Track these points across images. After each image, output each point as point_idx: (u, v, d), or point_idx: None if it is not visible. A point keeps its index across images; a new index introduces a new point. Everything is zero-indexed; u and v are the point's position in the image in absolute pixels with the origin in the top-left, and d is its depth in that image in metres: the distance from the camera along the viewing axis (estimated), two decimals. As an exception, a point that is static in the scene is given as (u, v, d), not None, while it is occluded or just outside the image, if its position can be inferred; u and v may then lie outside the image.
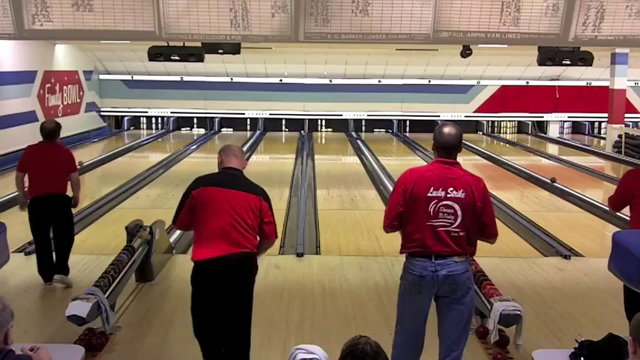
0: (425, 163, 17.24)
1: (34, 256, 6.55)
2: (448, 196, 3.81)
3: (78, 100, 19.01)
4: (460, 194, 3.82)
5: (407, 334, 3.96)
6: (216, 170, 4.35)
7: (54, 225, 6.42)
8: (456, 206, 3.81)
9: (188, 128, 22.05)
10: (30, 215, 6.40)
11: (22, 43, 14.48)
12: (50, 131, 6.45)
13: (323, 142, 20.30)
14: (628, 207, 4.98)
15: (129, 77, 20.91)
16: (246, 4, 6.30)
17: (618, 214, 8.64)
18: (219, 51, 9.17)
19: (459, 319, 3.91)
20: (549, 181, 11.81)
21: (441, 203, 3.81)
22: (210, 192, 4.12)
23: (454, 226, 3.82)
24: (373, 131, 21.81)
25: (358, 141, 19.47)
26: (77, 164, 6.84)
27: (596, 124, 22.23)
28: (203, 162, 16.25)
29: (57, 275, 6.35)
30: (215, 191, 4.12)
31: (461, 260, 3.86)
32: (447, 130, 3.96)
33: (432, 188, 3.82)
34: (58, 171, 6.37)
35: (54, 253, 6.45)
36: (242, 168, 4.32)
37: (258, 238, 4.21)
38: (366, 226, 9.17)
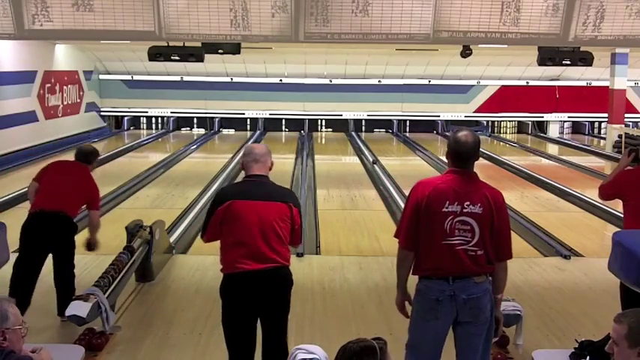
0: (425, 164, 17.08)
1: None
2: (464, 211, 3.44)
3: (78, 100, 19.00)
4: (477, 209, 3.45)
5: None
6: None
7: (53, 254, 5.53)
8: (473, 222, 3.45)
9: (188, 128, 22.05)
10: (21, 235, 5.47)
11: (22, 43, 14.49)
12: (84, 153, 5.78)
13: (323, 142, 20.30)
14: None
15: (129, 77, 20.91)
16: (246, 4, 6.30)
17: (618, 213, 8.69)
18: (219, 51, 9.17)
19: (484, 347, 3.57)
20: None
21: (457, 219, 3.45)
22: (237, 205, 3.88)
23: (471, 244, 3.45)
24: (373, 131, 21.81)
25: (359, 141, 19.48)
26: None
27: (596, 124, 22.23)
28: (203, 162, 16.28)
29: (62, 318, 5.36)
30: (242, 204, 3.88)
31: (481, 281, 3.49)
32: (463, 136, 3.54)
33: (447, 202, 3.45)
34: (72, 190, 5.55)
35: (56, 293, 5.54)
36: (267, 172, 4.09)
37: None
38: (366, 226, 9.16)
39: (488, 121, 22.12)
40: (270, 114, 21.29)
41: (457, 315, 3.49)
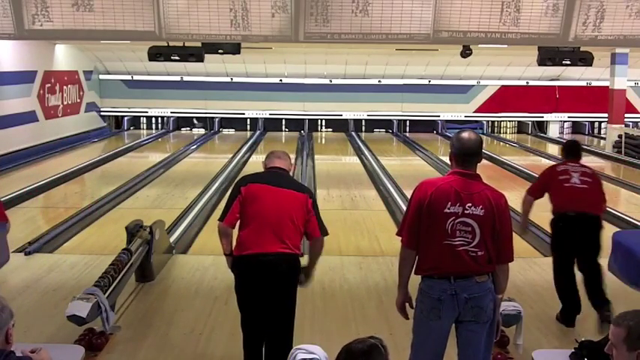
0: (425, 164, 16.99)
1: (34, 256, 6.50)
2: (466, 212, 3.47)
3: (78, 100, 19.00)
4: (479, 211, 3.47)
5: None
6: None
7: None
8: (474, 224, 3.47)
9: (188, 128, 22.06)
10: None
11: (22, 43, 14.48)
12: None
13: (323, 142, 20.30)
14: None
15: (129, 77, 20.91)
16: (246, 4, 6.30)
17: (618, 213, 8.70)
18: (219, 51, 9.17)
19: (486, 345, 3.60)
20: None
21: (458, 220, 3.47)
22: (257, 189, 4.16)
23: (472, 245, 3.47)
24: (373, 131, 21.81)
25: (359, 141, 19.47)
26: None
27: (596, 124, 22.23)
28: (203, 162, 16.28)
29: None
30: (262, 188, 4.17)
31: (482, 280, 3.51)
32: (465, 136, 3.59)
33: (449, 203, 3.48)
34: None
35: None
36: (287, 168, 4.40)
37: (304, 238, 4.26)
38: (366, 226, 9.16)
39: (488, 121, 22.14)
40: (270, 114, 21.29)
41: (459, 314, 3.51)
